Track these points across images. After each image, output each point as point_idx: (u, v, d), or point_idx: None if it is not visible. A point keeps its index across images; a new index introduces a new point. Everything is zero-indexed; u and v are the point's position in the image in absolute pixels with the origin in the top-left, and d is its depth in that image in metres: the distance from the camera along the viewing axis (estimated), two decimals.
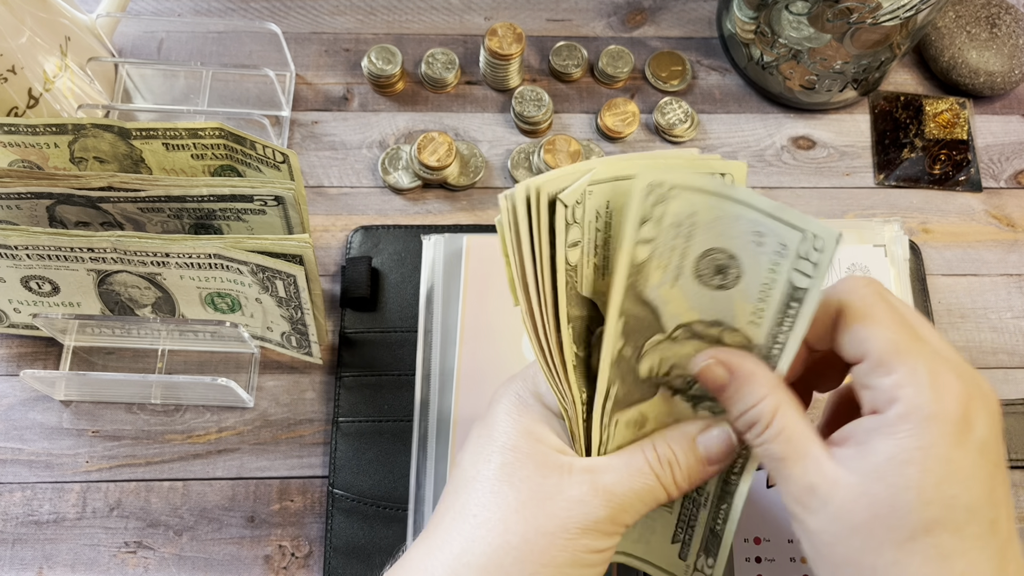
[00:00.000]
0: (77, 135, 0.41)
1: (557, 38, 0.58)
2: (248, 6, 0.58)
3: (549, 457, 0.29)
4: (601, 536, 0.29)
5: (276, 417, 0.47)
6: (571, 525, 0.28)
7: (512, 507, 0.28)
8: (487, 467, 0.30)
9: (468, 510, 0.29)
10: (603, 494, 0.29)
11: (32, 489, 0.45)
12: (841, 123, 0.56)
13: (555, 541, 0.28)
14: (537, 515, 0.28)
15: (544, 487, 0.29)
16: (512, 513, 0.28)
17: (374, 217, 0.52)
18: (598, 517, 0.29)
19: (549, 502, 0.29)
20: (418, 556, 0.29)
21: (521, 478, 0.29)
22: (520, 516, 0.28)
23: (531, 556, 0.28)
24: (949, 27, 0.56)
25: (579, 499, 0.29)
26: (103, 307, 0.45)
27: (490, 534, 0.28)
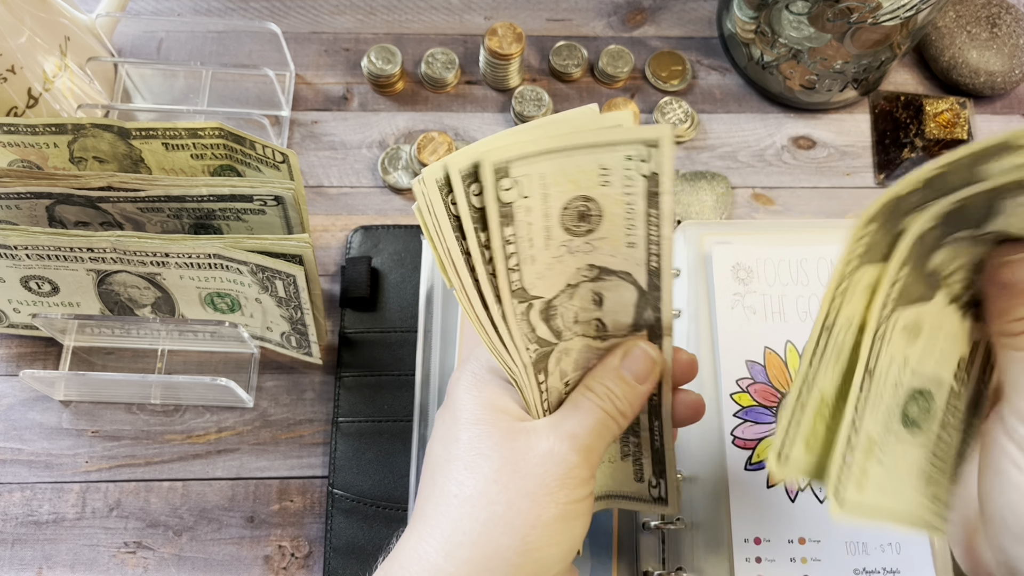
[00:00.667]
0: (77, 135, 0.41)
1: (557, 38, 0.58)
2: (248, 6, 0.58)
3: (513, 424, 0.30)
4: (579, 484, 0.30)
5: (276, 417, 0.47)
6: (549, 480, 0.29)
7: (489, 478, 0.29)
8: (456, 446, 0.30)
9: (448, 490, 0.30)
10: (568, 439, 0.30)
11: (32, 489, 0.45)
12: (841, 123, 0.56)
13: (537, 499, 0.29)
14: (514, 478, 0.29)
15: (515, 450, 0.29)
16: (491, 484, 0.29)
17: (374, 217, 0.52)
18: (572, 463, 0.29)
19: (523, 463, 0.29)
20: (409, 545, 0.29)
21: (490, 447, 0.30)
22: (499, 484, 0.29)
23: (519, 520, 0.28)
24: (949, 27, 0.56)
25: (549, 451, 0.29)
26: (103, 307, 0.45)
27: (475, 509, 0.29)
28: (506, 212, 0.26)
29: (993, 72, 0.55)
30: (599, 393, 0.31)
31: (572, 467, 0.29)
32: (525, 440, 0.30)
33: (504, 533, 0.28)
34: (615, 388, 0.31)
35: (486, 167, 0.25)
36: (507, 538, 0.28)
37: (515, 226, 0.27)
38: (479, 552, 0.28)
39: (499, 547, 0.28)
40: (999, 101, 0.57)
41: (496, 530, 0.28)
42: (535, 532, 0.29)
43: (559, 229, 0.28)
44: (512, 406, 0.31)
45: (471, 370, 0.32)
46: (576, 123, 0.27)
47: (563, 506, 0.29)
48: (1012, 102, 0.57)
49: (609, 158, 0.26)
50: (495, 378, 0.32)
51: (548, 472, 0.29)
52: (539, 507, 0.29)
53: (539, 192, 0.26)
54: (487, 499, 0.29)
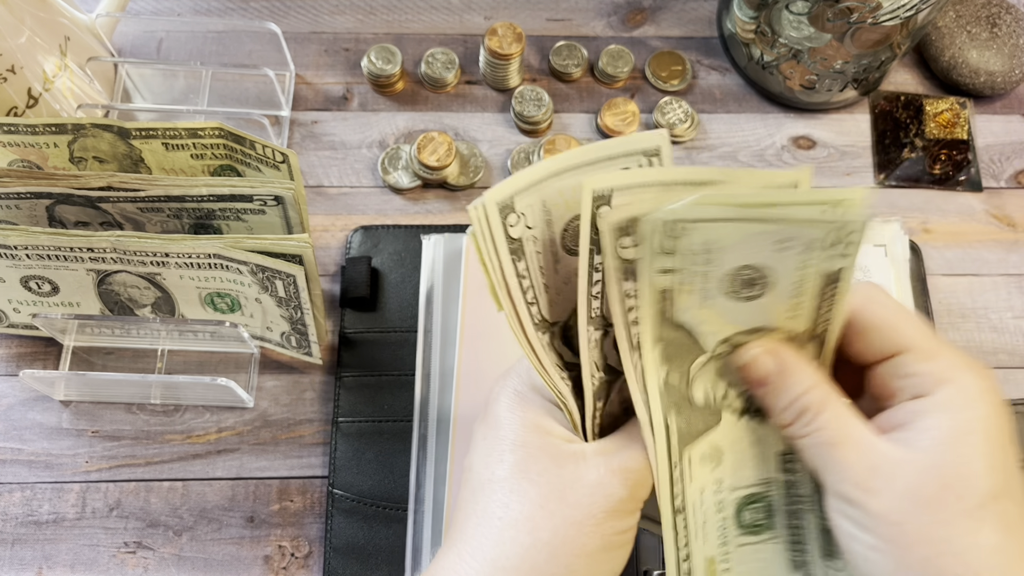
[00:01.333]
0: (76, 135, 0.41)
1: (557, 38, 0.58)
2: (248, 6, 0.58)
3: (560, 448, 0.30)
4: (625, 515, 0.29)
5: (276, 417, 0.47)
6: (596, 511, 0.29)
7: (536, 503, 0.29)
8: (501, 467, 0.30)
9: (491, 512, 0.29)
10: (620, 473, 0.29)
11: (32, 489, 0.45)
12: (841, 123, 0.56)
13: (583, 529, 0.28)
14: (562, 507, 0.28)
15: (563, 478, 0.29)
16: (537, 509, 0.28)
17: (374, 217, 0.52)
18: (620, 497, 0.29)
19: (570, 491, 0.29)
20: (448, 564, 0.29)
21: (538, 472, 0.29)
22: (545, 511, 0.28)
23: (563, 549, 0.28)
24: (949, 27, 0.56)
25: (598, 482, 0.29)
26: (103, 307, 0.45)
27: (519, 534, 0.28)
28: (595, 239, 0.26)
29: (993, 72, 0.55)
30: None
31: (620, 500, 0.29)
32: (574, 468, 0.29)
33: (548, 561, 0.28)
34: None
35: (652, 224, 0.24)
36: (551, 567, 0.28)
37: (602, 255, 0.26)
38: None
39: (542, 574, 0.28)
40: (999, 101, 0.57)
41: (540, 557, 0.28)
42: (579, 562, 0.28)
43: (718, 293, 0.27)
44: (557, 428, 0.30)
45: (513, 387, 0.31)
46: (752, 183, 0.26)
47: (608, 537, 0.29)
48: (1012, 102, 0.57)
49: (797, 231, 0.25)
50: (538, 397, 0.31)
51: (596, 503, 0.29)
52: (584, 537, 0.28)
53: (702, 258, 0.26)
54: (532, 524, 0.28)
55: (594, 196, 0.25)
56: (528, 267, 0.27)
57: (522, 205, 0.25)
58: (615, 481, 0.29)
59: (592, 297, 0.27)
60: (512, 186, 0.25)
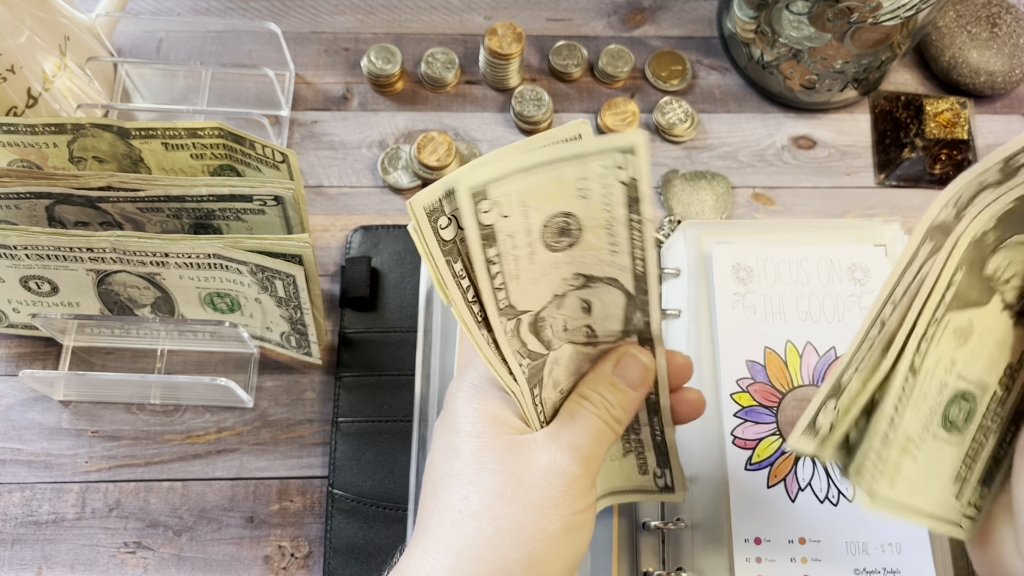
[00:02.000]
0: (76, 135, 0.41)
1: (557, 37, 0.58)
2: (247, 6, 0.58)
3: (515, 436, 0.30)
4: (581, 494, 0.30)
5: (276, 417, 0.47)
6: (553, 492, 0.29)
7: (494, 492, 0.29)
8: (458, 460, 0.30)
9: (452, 505, 0.29)
10: (569, 450, 0.30)
11: (31, 489, 0.45)
12: (842, 123, 0.56)
13: (543, 512, 0.29)
14: (519, 492, 0.29)
15: (518, 464, 0.30)
16: (496, 498, 0.29)
17: (374, 217, 0.52)
18: (574, 473, 0.30)
19: (527, 476, 0.29)
20: (414, 561, 0.29)
21: (493, 460, 0.30)
22: (503, 498, 0.29)
23: (524, 534, 0.28)
24: (950, 27, 0.56)
25: (551, 463, 0.30)
26: (102, 307, 0.45)
27: (481, 524, 0.29)
28: (487, 234, 0.26)
29: (993, 72, 0.55)
30: (594, 401, 0.31)
31: (574, 477, 0.29)
32: (527, 453, 0.30)
33: (511, 548, 0.28)
34: (609, 396, 0.31)
35: (462, 192, 0.25)
36: (514, 553, 0.28)
37: (498, 246, 0.27)
38: (486, 568, 0.28)
39: (506, 562, 0.28)
40: (999, 101, 0.57)
41: (503, 545, 0.28)
42: (541, 546, 0.29)
43: (541, 245, 0.28)
44: (512, 418, 0.31)
45: (470, 381, 0.32)
46: (543, 140, 0.27)
47: (567, 517, 0.29)
48: (1012, 102, 0.57)
49: (585, 169, 0.26)
50: (494, 389, 0.31)
51: (552, 484, 0.29)
52: (544, 520, 0.29)
53: (519, 210, 0.26)
54: (492, 514, 0.29)
55: (473, 194, 0.25)
56: (499, 253, 0.27)
57: (497, 193, 0.25)
58: (566, 458, 0.30)
59: (496, 289, 0.28)
60: (486, 174, 0.25)
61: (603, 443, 0.31)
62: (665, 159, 0.54)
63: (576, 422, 0.31)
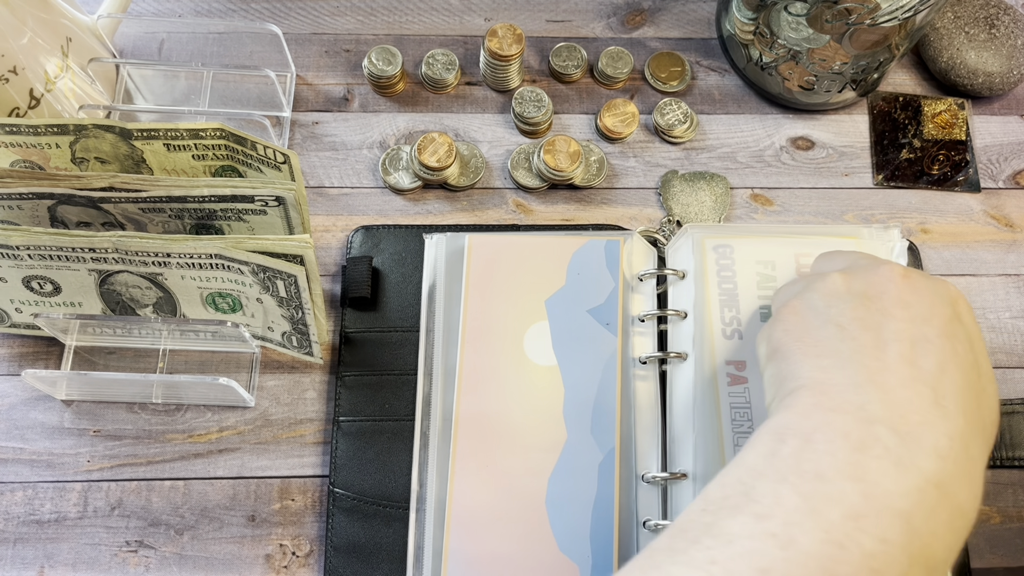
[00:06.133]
0: (78, 136, 0.42)
1: (557, 39, 0.58)
2: (248, 7, 0.58)
3: None
4: None
5: (277, 416, 0.47)
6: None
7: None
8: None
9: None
10: None
11: (34, 488, 0.45)
12: (840, 124, 0.56)
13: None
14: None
15: None
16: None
17: (374, 217, 0.52)
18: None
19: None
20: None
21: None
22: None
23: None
24: (948, 28, 0.56)
25: None
26: (104, 307, 0.45)
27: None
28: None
29: (991, 73, 0.55)
30: None
31: None
32: None
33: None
34: None
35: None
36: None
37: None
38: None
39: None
40: (997, 102, 0.57)
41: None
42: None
43: None
44: None
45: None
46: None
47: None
48: (1010, 103, 0.57)
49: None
50: None
51: None
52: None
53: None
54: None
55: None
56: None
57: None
58: None
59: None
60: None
61: None
62: (664, 160, 0.54)
63: None
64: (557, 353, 0.45)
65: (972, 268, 0.52)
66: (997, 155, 0.56)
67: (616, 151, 0.55)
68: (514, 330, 0.45)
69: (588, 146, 0.54)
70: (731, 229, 0.46)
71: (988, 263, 0.52)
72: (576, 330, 0.45)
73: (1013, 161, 0.55)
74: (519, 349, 0.45)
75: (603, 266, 0.47)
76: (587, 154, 0.53)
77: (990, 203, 0.54)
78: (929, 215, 0.53)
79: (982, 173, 0.55)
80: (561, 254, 0.47)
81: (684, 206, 0.52)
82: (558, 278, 0.46)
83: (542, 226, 0.51)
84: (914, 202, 0.54)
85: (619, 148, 0.55)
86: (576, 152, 0.51)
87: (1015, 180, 0.55)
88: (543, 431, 0.43)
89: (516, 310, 0.46)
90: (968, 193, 0.54)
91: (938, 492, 0.27)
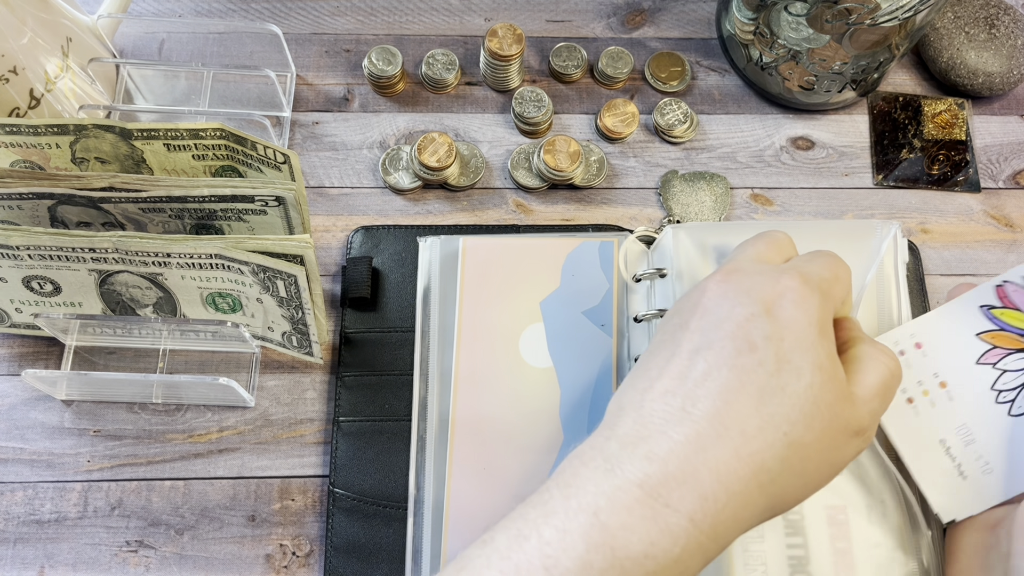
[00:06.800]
0: (78, 136, 0.42)
1: (557, 39, 0.58)
2: (249, 7, 0.58)
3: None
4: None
5: (277, 416, 0.47)
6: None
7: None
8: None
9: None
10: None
11: (34, 488, 0.45)
12: (840, 124, 0.56)
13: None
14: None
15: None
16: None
17: (375, 217, 0.52)
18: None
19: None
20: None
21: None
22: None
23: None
24: (948, 28, 0.56)
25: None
26: (104, 307, 0.45)
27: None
28: None
29: (991, 73, 0.55)
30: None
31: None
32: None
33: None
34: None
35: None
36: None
37: None
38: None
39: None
40: (997, 102, 0.57)
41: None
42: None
43: None
44: None
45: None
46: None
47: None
48: (1010, 103, 0.57)
49: None
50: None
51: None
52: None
53: None
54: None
55: None
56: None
57: None
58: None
59: None
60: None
61: None
62: (664, 160, 0.54)
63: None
64: (553, 355, 0.45)
65: (972, 268, 0.52)
66: (997, 155, 0.56)
67: (616, 151, 0.55)
68: (509, 332, 0.45)
69: (588, 146, 0.54)
70: (713, 228, 0.46)
71: (988, 263, 0.52)
72: (571, 332, 0.45)
73: (1013, 161, 0.55)
74: (514, 351, 0.45)
75: (597, 267, 0.47)
76: (587, 154, 0.53)
77: (990, 203, 0.54)
78: (929, 215, 0.53)
79: (982, 173, 0.55)
80: (555, 256, 0.47)
81: (684, 206, 0.52)
82: (552, 280, 0.46)
83: (542, 226, 0.51)
84: (914, 202, 0.54)
85: (619, 148, 0.55)
86: (576, 152, 0.51)
87: (1015, 180, 0.55)
88: (539, 433, 0.43)
89: (511, 312, 0.46)
90: (968, 193, 0.54)
91: (641, 491, 0.29)
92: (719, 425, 0.30)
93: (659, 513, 0.29)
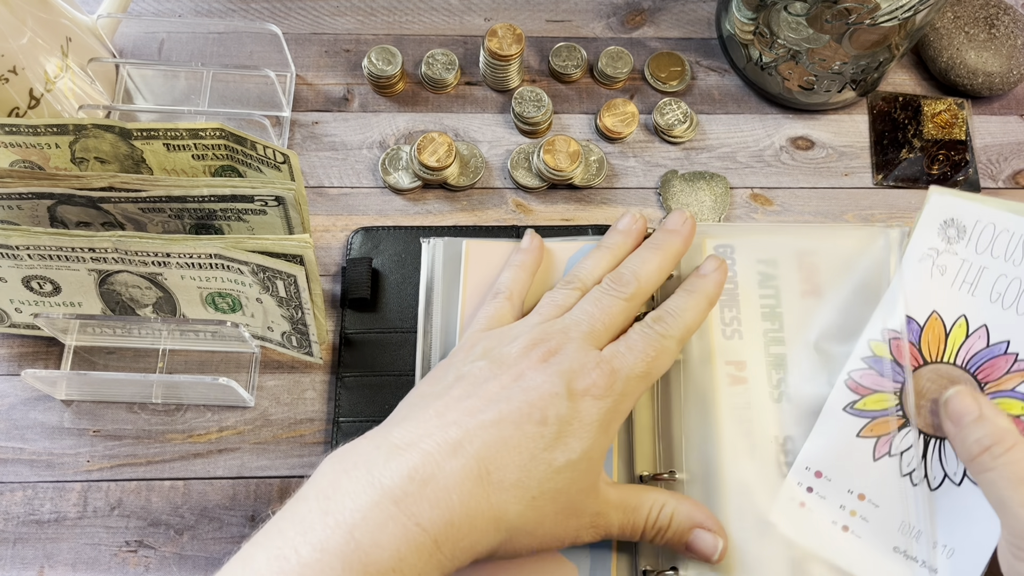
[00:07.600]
0: (78, 135, 0.42)
1: (557, 39, 0.58)
2: (248, 7, 0.58)
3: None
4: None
5: (277, 416, 0.47)
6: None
7: None
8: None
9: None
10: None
11: (33, 488, 0.45)
12: (840, 123, 0.56)
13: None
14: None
15: None
16: None
17: (374, 217, 0.52)
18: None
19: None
20: None
21: None
22: None
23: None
24: (947, 28, 0.56)
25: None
26: (104, 307, 0.45)
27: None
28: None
29: (991, 73, 0.55)
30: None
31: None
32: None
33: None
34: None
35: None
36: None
37: None
38: None
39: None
40: (997, 102, 0.57)
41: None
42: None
43: None
44: None
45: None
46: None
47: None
48: (1010, 103, 0.57)
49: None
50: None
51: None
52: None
53: None
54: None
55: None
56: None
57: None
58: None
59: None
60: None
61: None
62: (664, 160, 0.54)
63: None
64: None
65: None
66: (997, 155, 0.56)
67: (616, 151, 0.55)
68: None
69: (588, 146, 0.54)
70: (730, 227, 0.46)
71: None
72: None
73: (1013, 161, 0.55)
74: None
75: None
76: (587, 154, 0.53)
77: None
78: None
79: (982, 173, 0.55)
80: (557, 258, 0.47)
81: (684, 206, 0.52)
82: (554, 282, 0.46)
83: (542, 227, 0.51)
84: (914, 202, 0.54)
85: (619, 148, 0.55)
86: (576, 152, 0.51)
87: (1015, 180, 0.55)
88: None
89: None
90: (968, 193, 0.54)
91: (396, 508, 0.31)
92: (483, 468, 0.33)
93: (410, 531, 0.31)
